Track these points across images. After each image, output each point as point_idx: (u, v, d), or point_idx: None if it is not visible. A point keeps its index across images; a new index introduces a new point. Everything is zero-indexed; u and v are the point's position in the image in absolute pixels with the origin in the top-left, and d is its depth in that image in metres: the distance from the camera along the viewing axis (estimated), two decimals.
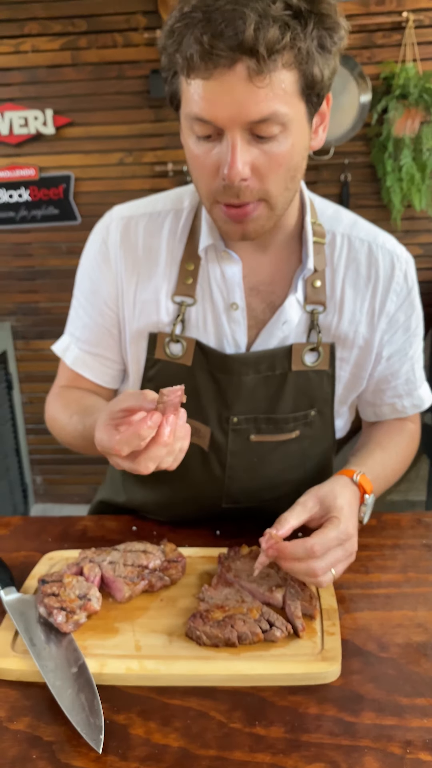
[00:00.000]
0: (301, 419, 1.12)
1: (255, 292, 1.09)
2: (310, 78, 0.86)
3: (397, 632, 0.88)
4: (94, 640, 0.85)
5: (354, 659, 0.83)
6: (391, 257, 1.10)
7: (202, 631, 0.83)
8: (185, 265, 1.08)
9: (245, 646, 0.83)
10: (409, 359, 1.16)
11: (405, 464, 1.20)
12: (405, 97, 2.66)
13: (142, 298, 1.10)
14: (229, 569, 0.95)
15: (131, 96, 2.90)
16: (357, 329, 1.10)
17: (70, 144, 2.97)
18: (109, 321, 1.14)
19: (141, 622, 0.88)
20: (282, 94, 0.84)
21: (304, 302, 1.08)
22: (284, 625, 0.84)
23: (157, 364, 1.10)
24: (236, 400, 1.08)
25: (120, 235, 1.11)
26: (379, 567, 1.03)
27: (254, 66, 0.81)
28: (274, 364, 1.07)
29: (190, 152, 0.93)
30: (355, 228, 1.11)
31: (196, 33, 0.82)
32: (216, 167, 0.90)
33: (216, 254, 1.07)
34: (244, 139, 0.87)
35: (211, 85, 0.83)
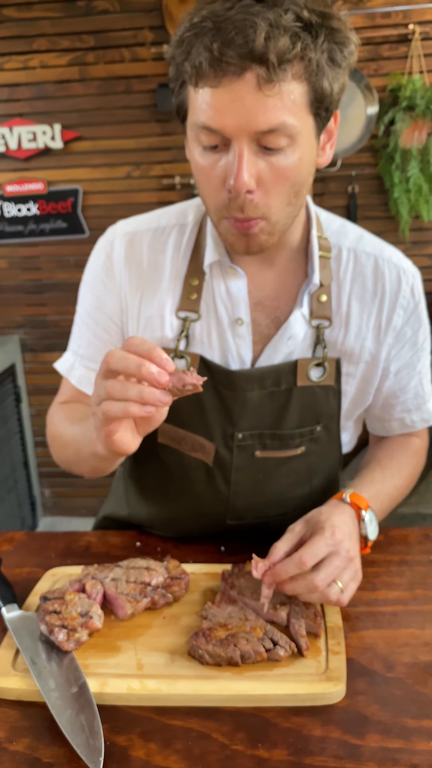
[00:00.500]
0: (307, 435, 1.11)
1: (260, 307, 1.08)
2: (320, 91, 0.86)
3: (404, 651, 0.86)
4: (96, 658, 0.84)
5: (359, 679, 0.81)
6: (398, 271, 1.09)
7: (204, 650, 0.82)
8: (189, 280, 1.08)
9: (248, 665, 0.82)
10: (417, 373, 1.15)
11: (409, 480, 1.18)
12: (412, 109, 2.67)
13: (147, 313, 1.09)
14: (233, 586, 0.94)
15: (138, 110, 2.91)
16: (363, 344, 1.09)
17: (78, 158, 2.99)
18: (115, 337, 1.13)
19: (143, 640, 0.87)
20: (291, 105, 0.84)
21: (310, 317, 1.07)
22: (288, 644, 0.83)
23: None
24: (241, 416, 1.07)
25: (124, 250, 1.10)
26: (385, 584, 1.01)
27: (264, 74, 0.81)
28: (280, 379, 1.06)
29: (196, 164, 0.93)
30: (361, 242, 1.10)
31: (205, 41, 0.82)
32: (222, 179, 0.89)
33: (221, 270, 1.06)
34: (251, 150, 0.86)
35: (220, 93, 0.83)
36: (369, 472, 1.10)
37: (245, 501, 1.13)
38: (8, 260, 3.15)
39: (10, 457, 3.18)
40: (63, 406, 1.19)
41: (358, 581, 0.91)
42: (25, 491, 3.35)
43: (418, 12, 2.68)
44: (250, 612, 0.89)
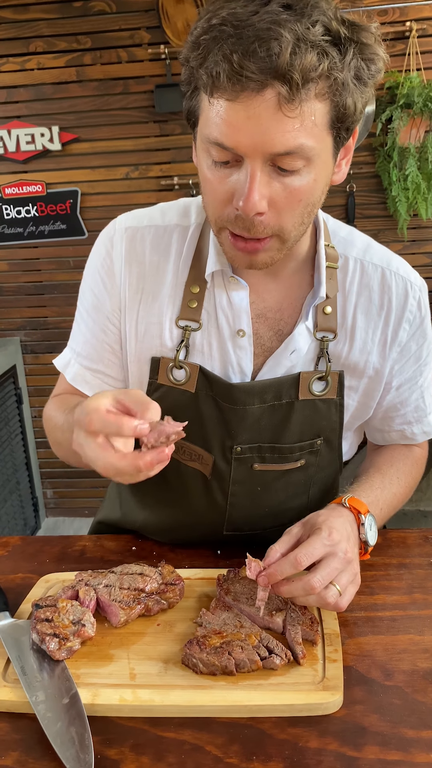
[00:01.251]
0: (307, 448, 1.08)
1: (263, 319, 1.05)
2: (342, 111, 0.81)
3: (403, 658, 0.85)
4: (88, 668, 0.82)
5: (357, 688, 0.80)
6: (405, 284, 1.05)
7: (198, 658, 0.80)
8: (190, 287, 1.04)
9: (243, 674, 0.80)
10: (419, 387, 1.12)
11: (408, 489, 1.15)
12: (409, 107, 2.64)
13: (146, 320, 1.06)
14: (228, 592, 0.92)
15: (136, 111, 2.90)
16: (368, 359, 1.06)
17: (77, 160, 2.98)
18: (112, 337, 1.10)
19: (136, 648, 0.86)
20: (311, 127, 0.79)
21: (314, 329, 1.04)
22: (284, 652, 0.81)
23: (159, 389, 1.07)
24: (240, 429, 1.04)
25: (125, 248, 1.06)
26: (384, 588, 1.00)
27: (285, 93, 0.75)
28: (281, 393, 1.03)
29: (204, 176, 0.88)
30: (368, 252, 1.06)
31: (224, 49, 0.76)
32: (230, 195, 0.85)
33: (223, 279, 1.03)
34: (265, 171, 0.81)
35: (236, 108, 0.78)
36: (368, 479, 1.08)
37: (242, 513, 1.11)
38: (8, 262, 3.14)
39: (11, 458, 3.17)
40: (56, 399, 1.17)
41: (356, 585, 0.89)
42: (27, 492, 3.34)
43: (416, 9, 2.66)
44: (246, 619, 0.87)
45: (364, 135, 2.75)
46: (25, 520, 3.30)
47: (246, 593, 0.91)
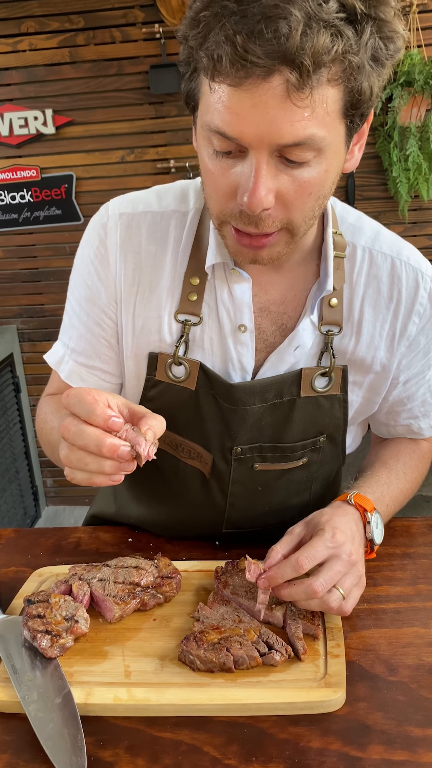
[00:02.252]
0: (310, 446, 1.04)
1: (265, 313, 0.99)
2: (357, 96, 0.73)
3: (408, 652, 0.82)
4: (81, 665, 0.79)
5: (360, 684, 0.77)
6: (416, 275, 0.99)
7: (195, 655, 0.77)
8: (190, 279, 0.98)
9: (242, 671, 0.77)
10: (427, 381, 1.07)
11: (415, 485, 1.11)
12: (410, 85, 2.59)
13: (144, 313, 1.00)
14: (227, 585, 0.89)
15: (131, 93, 2.85)
16: (375, 354, 1.00)
17: (71, 143, 2.93)
18: (108, 331, 1.04)
19: (132, 644, 0.83)
20: (322, 115, 0.71)
21: (319, 323, 0.98)
22: (284, 648, 0.78)
23: (158, 386, 1.02)
24: (240, 430, 1.00)
25: (120, 236, 0.99)
26: (387, 579, 0.97)
27: (294, 80, 0.67)
28: (282, 391, 0.99)
29: (205, 166, 0.81)
30: (377, 241, 0.99)
31: (227, 29, 0.67)
32: (233, 188, 0.78)
33: (224, 271, 0.97)
34: (271, 163, 0.74)
35: (240, 95, 0.70)
36: (373, 474, 1.04)
37: (242, 512, 1.08)
38: (3, 249, 3.10)
39: (10, 447, 3.14)
40: (51, 398, 1.12)
41: (361, 588, 0.86)
42: (26, 481, 3.32)
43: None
44: (244, 613, 0.84)
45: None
46: (25, 510, 3.28)
47: (245, 586, 0.88)
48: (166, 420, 1.05)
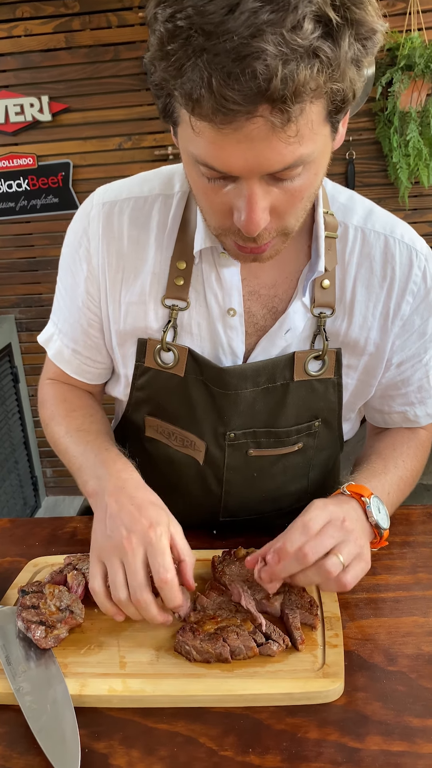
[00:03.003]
0: (305, 431, 1.02)
1: (255, 296, 0.97)
2: (340, 102, 0.70)
3: (407, 642, 0.81)
4: (76, 656, 0.78)
5: (359, 674, 0.76)
6: (410, 253, 0.96)
7: (191, 645, 0.76)
8: (176, 263, 0.96)
9: (239, 661, 0.76)
10: (423, 366, 1.04)
11: (414, 473, 1.07)
12: (410, 69, 2.55)
13: (129, 299, 0.98)
14: (223, 574, 0.88)
15: (128, 78, 2.81)
16: (368, 335, 0.98)
17: (68, 131, 2.90)
18: (87, 322, 1.03)
19: (127, 635, 0.82)
20: (308, 135, 0.68)
21: (311, 305, 0.96)
22: (281, 638, 0.77)
23: (147, 372, 1.01)
24: (233, 415, 0.98)
25: (102, 225, 0.97)
26: (386, 567, 0.95)
27: (278, 121, 0.64)
28: (275, 374, 0.97)
29: (195, 182, 0.78)
30: (370, 219, 0.97)
31: (200, 68, 0.62)
32: (228, 207, 0.76)
33: (212, 255, 0.95)
34: (262, 183, 0.72)
35: (224, 133, 0.67)
36: (369, 465, 1.00)
37: (239, 499, 1.06)
38: (0, 239, 3.07)
39: (9, 437, 3.13)
40: (58, 390, 1.11)
41: (365, 564, 0.82)
42: (26, 471, 3.32)
43: None
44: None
45: (364, 100, 2.67)
46: (25, 500, 3.27)
47: (242, 575, 0.87)
48: (157, 409, 1.05)
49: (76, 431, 1.03)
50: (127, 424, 1.10)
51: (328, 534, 0.79)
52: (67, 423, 1.05)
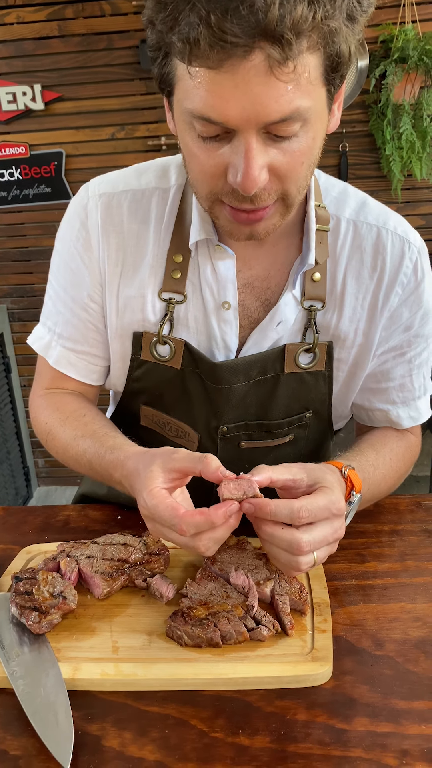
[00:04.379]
0: (296, 423, 1.03)
1: (249, 289, 0.98)
2: (336, 59, 0.71)
3: (394, 627, 0.82)
4: (69, 641, 0.79)
5: (347, 658, 0.77)
6: (402, 244, 0.96)
7: (183, 630, 0.77)
8: (173, 256, 0.96)
9: (230, 646, 0.78)
10: (407, 362, 1.03)
11: (399, 474, 1.06)
12: (404, 61, 2.56)
13: (127, 293, 0.99)
14: (215, 561, 0.89)
15: (121, 68, 2.81)
16: (358, 327, 0.98)
17: (61, 120, 2.89)
18: (94, 315, 1.03)
19: (120, 620, 0.83)
20: (305, 85, 0.69)
21: (302, 298, 0.96)
22: (271, 623, 0.79)
23: (143, 365, 1.01)
24: (225, 409, 0.99)
25: (101, 216, 0.97)
26: (375, 555, 0.97)
27: (277, 54, 0.65)
28: (266, 367, 0.97)
29: (189, 150, 0.78)
30: (362, 212, 0.97)
31: (198, 9, 0.64)
32: (222, 169, 0.76)
33: (208, 248, 0.95)
34: (260, 140, 0.72)
35: (221, 77, 0.67)
36: (362, 453, 1.00)
37: None
38: None
39: (1, 427, 3.14)
40: (52, 401, 1.08)
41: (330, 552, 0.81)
42: (18, 462, 3.32)
43: None
44: (232, 589, 0.84)
45: (357, 92, 2.67)
46: (17, 490, 3.28)
47: (234, 562, 0.88)
48: (154, 399, 1.05)
49: (88, 434, 1.00)
50: (123, 413, 1.11)
51: (325, 534, 0.77)
52: (65, 431, 1.04)
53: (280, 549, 0.77)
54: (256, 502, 0.76)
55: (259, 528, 0.78)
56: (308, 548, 0.75)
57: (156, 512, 0.76)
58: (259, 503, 0.75)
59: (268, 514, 0.75)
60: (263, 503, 0.75)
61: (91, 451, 0.97)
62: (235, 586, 0.84)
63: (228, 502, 0.75)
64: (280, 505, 0.75)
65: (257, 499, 0.76)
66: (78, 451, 1.00)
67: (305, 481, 0.80)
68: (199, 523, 0.73)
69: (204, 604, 0.81)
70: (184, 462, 0.78)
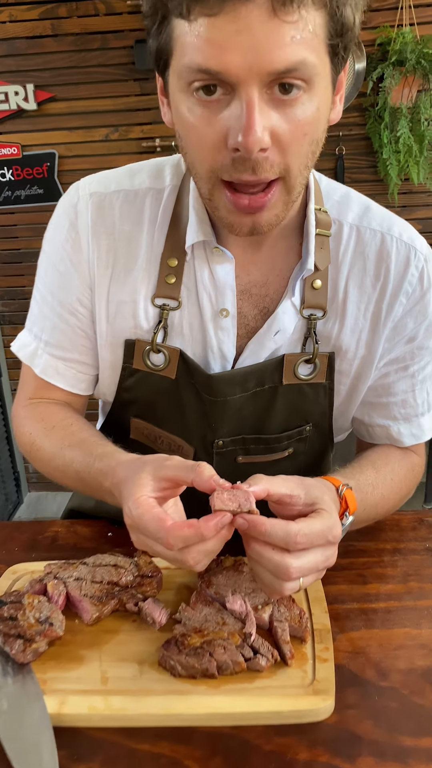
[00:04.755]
0: (295, 436, 0.98)
1: (247, 296, 0.93)
2: (340, 23, 0.69)
3: (399, 655, 0.78)
4: (56, 671, 0.75)
5: (350, 690, 0.73)
6: (408, 251, 0.92)
7: (176, 660, 0.73)
8: (167, 260, 0.91)
9: (226, 677, 0.73)
10: (409, 377, 0.98)
11: (399, 496, 1.01)
12: (402, 64, 2.53)
13: (118, 298, 0.94)
14: (210, 584, 0.85)
15: (115, 68, 2.76)
16: (360, 338, 0.94)
17: (53, 120, 2.85)
18: (84, 321, 0.98)
19: (109, 648, 0.78)
20: (310, 38, 0.67)
21: (301, 306, 0.92)
22: (270, 652, 0.74)
23: (135, 374, 0.96)
24: (221, 422, 0.95)
25: (92, 217, 0.93)
26: (377, 576, 0.93)
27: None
28: (264, 378, 0.93)
29: (186, 122, 0.74)
30: (366, 217, 0.93)
31: None
32: (222, 136, 0.71)
33: (205, 251, 0.91)
34: (263, 98, 0.69)
35: (222, 23, 0.64)
36: (362, 471, 0.95)
37: None
38: None
39: None
40: (35, 411, 1.02)
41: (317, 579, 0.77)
42: (8, 467, 3.27)
43: None
44: (229, 615, 0.80)
45: (354, 94, 2.64)
46: (7, 495, 3.23)
47: (230, 586, 0.84)
48: (144, 411, 1.00)
49: (74, 444, 0.95)
50: (113, 425, 1.07)
51: (316, 562, 0.72)
52: (50, 442, 0.98)
53: (266, 570, 0.72)
54: (251, 519, 0.69)
55: (248, 543, 0.73)
56: (296, 575, 0.70)
57: (141, 522, 0.71)
58: (254, 521, 0.69)
59: (262, 534, 0.70)
60: (258, 522, 0.69)
61: (79, 460, 0.92)
62: (232, 612, 0.80)
63: (220, 514, 0.69)
64: (276, 526, 0.69)
65: (252, 516, 0.70)
66: (64, 461, 0.95)
67: (302, 499, 0.75)
68: (188, 536, 0.68)
69: (199, 631, 0.77)
70: (176, 470, 0.73)
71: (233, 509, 0.70)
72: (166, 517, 0.70)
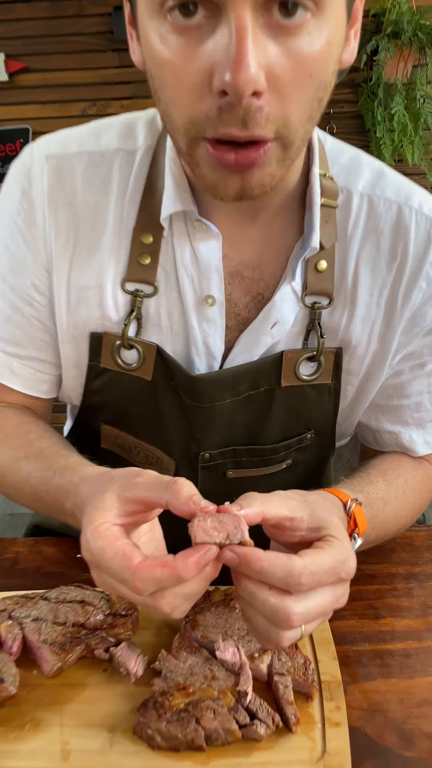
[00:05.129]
0: (294, 446, 0.84)
1: (237, 279, 0.78)
2: None
3: (424, 714, 0.65)
4: (5, 743, 0.60)
5: (368, 762, 0.60)
6: (429, 226, 0.77)
7: (155, 729, 0.59)
8: (140, 236, 0.76)
9: (216, 748, 0.59)
10: (426, 375, 0.85)
11: (414, 512, 0.87)
12: (397, 36, 2.38)
13: (81, 282, 0.78)
14: (196, 625, 0.71)
15: (92, 37, 2.59)
16: (372, 330, 0.80)
17: (26, 93, 2.67)
18: (41, 311, 0.82)
19: (73, 708, 0.64)
20: None
21: (303, 292, 0.77)
22: (270, 717, 0.61)
23: (104, 374, 0.82)
24: (208, 432, 0.81)
25: (48, 184, 0.76)
26: (391, 608, 0.79)
27: None
28: (258, 380, 0.79)
29: (157, 56, 0.58)
30: (380, 184, 0.78)
31: None
32: (205, 75, 0.55)
33: (186, 225, 0.75)
34: (257, 24, 0.53)
35: None
36: (372, 483, 0.81)
37: None
38: None
39: None
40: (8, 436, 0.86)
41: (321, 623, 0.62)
42: None
43: None
44: (219, 666, 0.66)
45: (346, 69, 2.48)
46: None
47: (219, 626, 0.70)
48: (115, 416, 0.85)
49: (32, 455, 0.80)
50: (82, 431, 0.92)
51: (324, 604, 0.57)
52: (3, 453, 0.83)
53: (260, 615, 0.57)
54: (243, 553, 0.54)
55: (239, 581, 0.57)
56: (299, 622, 0.55)
57: (102, 559, 0.55)
58: (246, 555, 0.54)
59: (257, 572, 0.54)
60: (252, 557, 0.54)
61: (37, 474, 0.76)
62: (223, 662, 0.66)
63: (203, 547, 0.54)
64: (274, 562, 0.54)
65: (244, 548, 0.55)
66: (20, 476, 0.79)
67: (305, 522, 0.60)
68: (161, 578, 0.53)
69: (183, 688, 0.63)
70: (147, 489, 0.57)
71: (220, 541, 0.55)
72: (132, 552, 0.54)
